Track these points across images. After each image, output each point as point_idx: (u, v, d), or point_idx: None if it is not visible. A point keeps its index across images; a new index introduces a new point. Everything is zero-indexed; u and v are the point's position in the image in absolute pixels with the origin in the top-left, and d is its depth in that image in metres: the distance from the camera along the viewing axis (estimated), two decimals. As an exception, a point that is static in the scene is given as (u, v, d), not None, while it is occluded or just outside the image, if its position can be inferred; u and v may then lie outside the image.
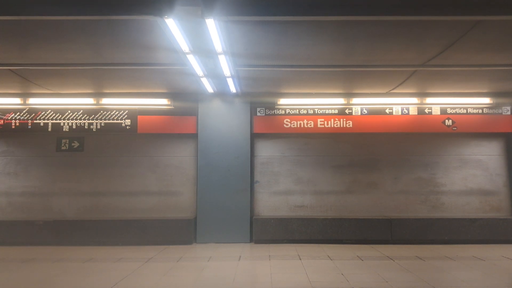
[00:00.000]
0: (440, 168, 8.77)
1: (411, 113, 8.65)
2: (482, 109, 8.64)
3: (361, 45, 5.63)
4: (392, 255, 6.89)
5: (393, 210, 8.65)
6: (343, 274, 5.50)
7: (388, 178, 8.79)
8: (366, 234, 8.16)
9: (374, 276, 5.42)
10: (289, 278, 5.32)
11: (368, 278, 5.31)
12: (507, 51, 5.91)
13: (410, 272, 5.66)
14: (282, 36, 5.26)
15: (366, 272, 5.62)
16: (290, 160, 8.83)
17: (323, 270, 5.75)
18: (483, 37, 5.30)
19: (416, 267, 6.00)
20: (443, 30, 5.08)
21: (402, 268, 5.90)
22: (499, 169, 8.77)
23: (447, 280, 5.28)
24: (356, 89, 8.30)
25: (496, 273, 5.64)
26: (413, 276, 5.41)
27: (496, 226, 8.13)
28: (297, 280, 5.20)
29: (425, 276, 5.41)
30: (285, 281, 5.20)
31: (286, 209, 8.68)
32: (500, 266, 6.07)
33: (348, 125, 8.64)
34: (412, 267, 5.95)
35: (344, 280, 5.20)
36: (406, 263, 6.22)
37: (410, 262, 6.31)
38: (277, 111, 8.67)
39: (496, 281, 5.25)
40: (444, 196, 8.70)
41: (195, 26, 4.83)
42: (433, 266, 6.08)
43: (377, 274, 5.50)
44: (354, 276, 5.38)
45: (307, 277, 5.32)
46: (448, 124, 8.60)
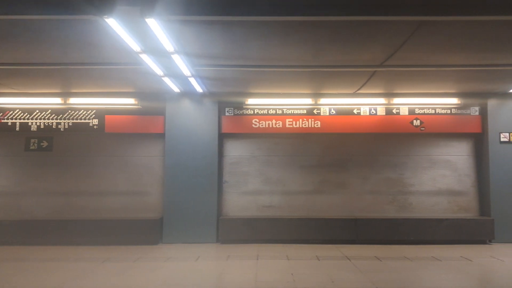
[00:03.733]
0: (409, 168, 8.78)
1: (379, 114, 8.65)
2: (451, 110, 8.64)
3: (326, 46, 5.62)
4: (352, 255, 6.89)
5: (361, 210, 8.65)
6: (292, 274, 5.50)
7: (356, 178, 8.79)
8: (332, 234, 8.17)
9: (322, 276, 5.41)
10: (237, 278, 5.32)
11: (315, 278, 5.30)
12: (464, 52, 5.90)
13: (361, 272, 5.66)
14: (242, 36, 5.22)
15: (316, 272, 5.61)
16: (259, 160, 8.83)
17: (275, 270, 5.75)
18: (432, 37, 5.29)
19: (370, 267, 6.00)
20: (391, 30, 5.07)
21: (355, 268, 5.90)
22: (468, 170, 8.78)
23: (394, 280, 5.27)
24: (323, 90, 8.29)
25: (446, 273, 5.63)
26: (362, 277, 5.40)
27: (463, 226, 8.14)
28: (244, 280, 5.20)
29: (374, 277, 5.40)
30: (232, 281, 5.20)
31: (254, 209, 8.67)
32: (454, 266, 6.07)
33: (317, 125, 8.64)
34: (366, 268, 5.95)
35: (291, 280, 5.20)
36: (361, 264, 6.22)
37: (366, 263, 6.31)
38: (245, 111, 8.66)
39: (441, 281, 5.25)
40: (412, 196, 8.71)
41: (140, 25, 4.81)
42: (387, 266, 6.09)
43: (326, 275, 5.49)
44: (302, 276, 5.38)
45: (255, 277, 5.32)
46: (416, 125, 8.61)
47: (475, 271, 5.76)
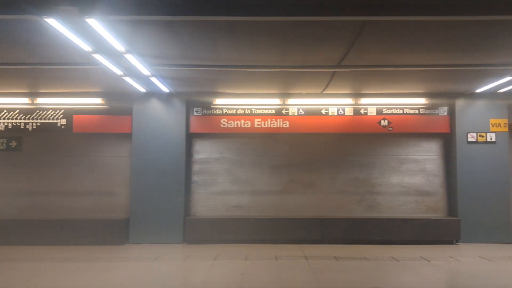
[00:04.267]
0: (377, 169, 8.79)
1: (347, 114, 8.66)
2: (419, 110, 8.65)
3: (291, 46, 5.63)
4: (312, 255, 6.90)
5: (329, 210, 8.66)
6: (243, 274, 5.50)
7: (325, 178, 8.80)
8: (299, 234, 8.17)
9: (272, 276, 5.42)
10: (186, 278, 5.33)
11: (263, 278, 5.31)
12: (417, 52, 5.91)
13: (313, 272, 5.66)
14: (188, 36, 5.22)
15: (267, 273, 5.62)
16: (228, 160, 8.82)
17: (227, 271, 5.75)
18: (381, 37, 5.29)
19: (324, 267, 6.01)
20: (337, 31, 5.07)
21: (309, 268, 5.91)
22: (437, 170, 8.79)
23: (341, 281, 5.28)
24: (291, 90, 8.30)
25: (397, 274, 5.64)
26: (311, 277, 5.41)
27: (429, 226, 8.16)
28: (192, 281, 5.21)
29: (323, 277, 5.42)
30: (178, 282, 5.20)
31: (223, 209, 8.67)
32: (409, 266, 6.08)
33: (285, 126, 8.64)
34: (320, 267, 5.96)
35: (238, 280, 5.20)
36: (317, 263, 6.23)
37: (323, 262, 6.32)
38: (214, 111, 8.65)
39: (386, 281, 5.25)
40: (380, 196, 8.72)
41: (83, 25, 4.79)
42: (342, 266, 6.10)
43: (277, 275, 5.50)
44: (251, 276, 5.39)
45: (204, 278, 5.32)
46: (383, 125, 8.62)
47: (428, 271, 5.75)
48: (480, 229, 8.17)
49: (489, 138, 8.41)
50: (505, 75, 7.01)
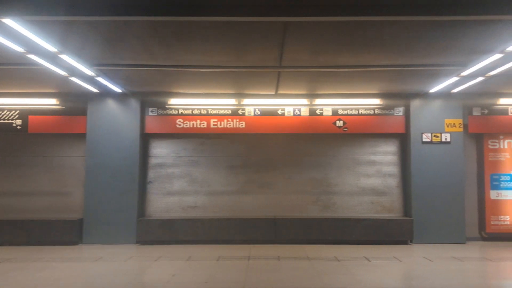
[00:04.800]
0: (333, 169, 8.81)
1: (303, 114, 8.67)
2: (374, 110, 8.67)
3: (228, 46, 5.63)
4: (257, 255, 6.91)
5: (285, 210, 8.67)
6: (174, 275, 5.50)
7: (281, 179, 8.81)
8: (252, 234, 8.18)
9: (203, 277, 5.42)
10: (115, 279, 5.31)
11: (193, 279, 5.32)
12: (356, 52, 5.92)
13: (246, 273, 5.67)
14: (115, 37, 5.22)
15: (200, 273, 5.61)
16: (185, 161, 8.81)
17: (161, 271, 5.76)
18: (311, 38, 5.29)
19: (261, 267, 6.03)
20: (263, 32, 5.07)
21: (245, 269, 5.91)
22: (393, 170, 8.82)
23: (269, 281, 5.30)
24: (246, 90, 8.31)
25: (330, 274, 5.64)
26: (241, 277, 5.41)
27: (382, 226, 8.19)
28: (121, 281, 5.19)
29: (253, 277, 5.44)
30: (104, 282, 5.19)
31: (178, 210, 8.67)
32: (346, 267, 6.09)
33: (241, 126, 8.64)
34: (257, 268, 5.98)
35: (166, 281, 5.20)
36: (256, 264, 6.24)
37: (262, 263, 6.33)
38: (169, 111, 8.64)
39: (315, 282, 5.26)
40: (336, 196, 8.74)
41: (4, 26, 4.77)
42: (279, 266, 6.12)
43: (208, 275, 5.51)
44: (181, 277, 5.40)
45: (134, 278, 5.33)
46: (339, 125, 8.63)
47: (361, 272, 5.75)
48: (434, 230, 8.20)
49: (444, 139, 8.44)
50: (451, 76, 7.04)
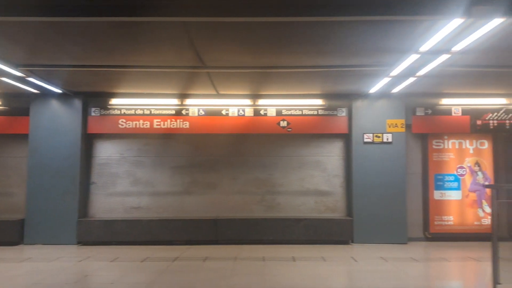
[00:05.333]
0: (278, 169, 8.81)
1: (247, 115, 8.65)
2: (317, 111, 8.67)
3: (143, 46, 5.61)
4: (187, 256, 6.91)
5: (230, 211, 8.66)
6: (86, 275, 5.49)
7: (226, 179, 8.80)
8: (193, 235, 8.17)
9: (113, 277, 5.40)
10: (30, 279, 5.28)
11: (102, 279, 5.32)
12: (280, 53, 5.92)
13: (163, 273, 5.67)
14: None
15: (114, 274, 5.61)
16: (129, 161, 8.79)
17: (77, 271, 5.77)
18: (220, 38, 5.28)
19: (182, 268, 6.03)
20: (163, 31, 5.02)
21: (164, 269, 5.91)
22: (337, 170, 8.83)
23: (180, 282, 5.29)
24: (189, 90, 8.31)
25: (247, 275, 5.64)
26: (150, 278, 5.39)
27: (323, 226, 8.19)
28: (25, 282, 5.16)
29: (162, 278, 5.42)
30: (18, 281, 5.17)
31: (121, 210, 8.64)
32: (268, 267, 6.09)
33: (185, 126, 8.61)
34: (177, 269, 5.98)
35: (73, 281, 5.19)
36: (180, 265, 6.23)
37: (186, 264, 6.33)
38: (112, 111, 8.60)
39: (223, 282, 5.26)
40: (280, 196, 8.74)
41: None
42: (201, 267, 6.12)
43: (120, 276, 5.49)
44: (93, 277, 5.45)
45: (43, 278, 5.30)
46: (283, 126, 8.63)
47: (276, 272, 5.75)
48: (375, 230, 8.21)
49: (386, 139, 8.45)
50: (382, 76, 7.05)
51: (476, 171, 8.67)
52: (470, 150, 8.72)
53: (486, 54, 6.01)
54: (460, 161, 8.70)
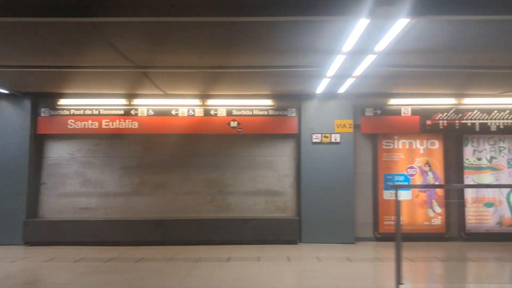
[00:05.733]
0: (229, 169, 8.79)
1: (197, 115, 8.63)
2: (267, 111, 8.66)
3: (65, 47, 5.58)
4: (125, 257, 6.92)
5: (180, 211, 8.63)
6: (9, 276, 5.48)
7: (176, 180, 8.77)
8: (139, 235, 8.15)
9: (36, 277, 5.45)
10: None
11: (23, 280, 5.33)
12: (198, 53, 5.90)
13: (85, 275, 5.68)
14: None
15: (38, 274, 5.79)
16: (79, 162, 8.75)
17: (3, 272, 5.72)
18: (134, 38, 5.24)
19: (109, 269, 6.05)
20: (70, 32, 4.99)
21: (92, 270, 5.93)
22: (288, 170, 8.82)
23: (96, 282, 5.30)
24: (137, 90, 8.28)
25: (171, 275, 5.63)
26: (72, 279, 5.38)
27: (270, 226, 8.19)
28: None
29: (84, 279, 5.41)
30: None
31: (71, 211, 8.60)
32: (198, 267, 6.09)
33: (134, 126, 8.58)
34: (104, 270, 6.00)
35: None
36: (110, 265, 6.24)
37: (116, 265, 6.34)
38: (61, 112, 8.57)
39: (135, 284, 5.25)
40: (231, 196, 8.72)
41: None
42: (130, 268, 6.15)
43: (41, 276, 5.54)
44: (15, 279, 5.46)
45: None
46: (233, 126, 8.61)
47: (201, 273, 5.75)
48: (323, 229, 8.20)
49: (334, 139, 8.45)
50: (321, 76, 7.04)
51: (426, 171, 8.68)
52: (420, 150, 8.73)
53: (416, 54, 6.05)
54: (410, 161, 8.72)
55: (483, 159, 8.72)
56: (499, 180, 8.67)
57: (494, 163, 8.71)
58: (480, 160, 8.72)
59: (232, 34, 5.07)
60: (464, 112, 8.53)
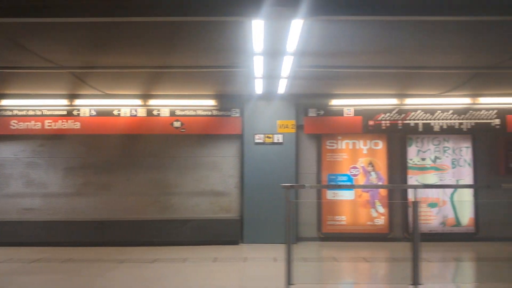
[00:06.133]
0: (173, 170, 8.77)
1: (139, 115, 8.61)
2: (211, 111, 8.65)
3: None
4: (55, 257, 6.98)
5: (123, 212, 8.60)
6: None
7: (120, 180, 8.75)
8: (81, 236, 8.15)
9: None
10: None
11: None
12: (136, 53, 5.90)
13: (11, 274, 5.75)
14: None
15: None
16: (23, 162, 8.72)
17: None
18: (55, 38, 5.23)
19: (36, 269, 6.21)
20: None
21: (15, 271, 6.06)
22: (232, 171, 8.81)
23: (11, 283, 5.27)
24: (77, 91, 8.24)
25: (84, 276, 5.65)
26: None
27: (211, 227, 8.22)
28: None
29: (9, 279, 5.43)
30: None
31: (14, 212, 8.57)
32: (118, 268, 6.11)
33: (77, 127, 8.56)
34: (31, 270, 6.17)
35: None
36: (37, 266, 6.40)
37: (44, 265, 6.47)
38: (4, 112, 8.52)
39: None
40: (175, 197, 8.72)
41: None
42: (56, 268, 6.24)
43: None
44: None
45: None
46: (176, 126, 8.59)
47: (114, 274, 5.78)
48: (265, 230, 8.21)
49: (277, 139, 8.46)
50: (251, 77, 7.04)
51: (369, 171, 8.70)
52: (364, 151, 8.75)
53: (339, 56, 6.10)
54: (353, 161, 8.73)
55: (427, 159, 8.74)
56: (443, 180, 8.70)
57: (438, 163, 8.74)
58: (424, 160, 8.74)
59: (159, 34, 5.07)
60: (408, 112, 8.54)
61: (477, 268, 6.99)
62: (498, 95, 8.48)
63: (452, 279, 6.40)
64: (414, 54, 6.08)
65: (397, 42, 5.50)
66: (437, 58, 6.33)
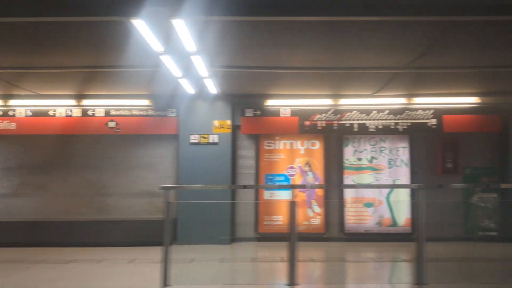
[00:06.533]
0: (108, 170, 8.74)
1: (74, 115, 8.57)
2: (147, 111, 8.62)
3: None
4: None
5: (59, 213, 8.54)
6: None
7: (56, 181, 8.71)
8: (11, 237, 8.09)
9: None
10: None
11: None
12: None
13: None
14: None
15: None
16: (-42, 163, 8.67)
17: None
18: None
19: None
20: None
21: None
22: (169, 171, 8.79)
23: None
24: (11, 91, 8.19)
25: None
26: None
27: (143, 227, 8.15)
28: None
29: None
30: None
31: None
32: (27, 269, 6.05)
33: (12, 127, 8.50)
34: None
35: None
36: None
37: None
38: None
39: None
40: (110, 198, 8.68)
41: None
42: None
43: None
44: None
45: None
46: (111, 126, 8.56)
47: (17, 276, 5.74)
48: (199, 230, 8.18)
49: (212, 140, 8.44)
50: (175, 77, 7.02)
51: (306, 171, 8.71)
52: (301, 151, 8.76)
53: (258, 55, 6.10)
54: (291, 161, 8.74)
55: (364, 159, 8.76)
56: (379, 180, 8.72)
57: (375, 163, 8.76)
58: (360, 160, 8.76)
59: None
60: (343, 113, 8.56)
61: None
62: (434, 95, 8.51)
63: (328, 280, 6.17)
64: (318, 54, 6.11)
65: (304, 42, 5.55)
66: (359, 59, 6.38)
